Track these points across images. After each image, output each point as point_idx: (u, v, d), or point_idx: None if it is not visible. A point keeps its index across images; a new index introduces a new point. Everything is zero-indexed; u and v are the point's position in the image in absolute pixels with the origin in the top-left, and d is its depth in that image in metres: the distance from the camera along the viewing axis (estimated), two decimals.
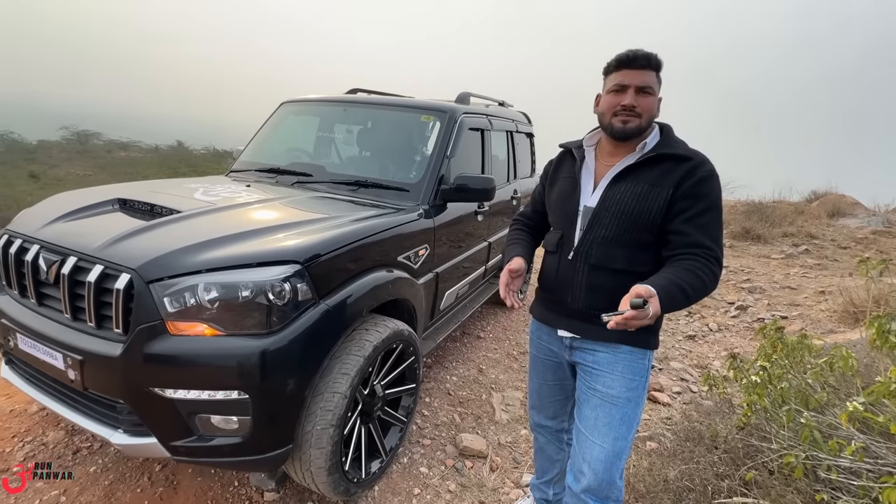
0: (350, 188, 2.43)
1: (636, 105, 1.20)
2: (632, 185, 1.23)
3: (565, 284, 1.34)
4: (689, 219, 1.17)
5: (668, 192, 1.18)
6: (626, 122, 1.22)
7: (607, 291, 1.25)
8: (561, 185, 1.40)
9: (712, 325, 4.18)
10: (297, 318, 1.50)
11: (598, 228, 1.26)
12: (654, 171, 1.22)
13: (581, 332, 1.33)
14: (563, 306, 1.35)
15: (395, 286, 1.96)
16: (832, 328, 3.75)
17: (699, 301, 1.16)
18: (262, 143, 3.00)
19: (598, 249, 1.26)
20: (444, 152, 2.50)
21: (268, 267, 1.47)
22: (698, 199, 1.17)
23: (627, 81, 1.21)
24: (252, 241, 1.56)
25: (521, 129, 4.04)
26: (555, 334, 1.41)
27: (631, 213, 1.21)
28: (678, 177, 1.19)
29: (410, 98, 3.17)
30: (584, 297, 1.30)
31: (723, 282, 5.43)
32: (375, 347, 1.73)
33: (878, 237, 7.26)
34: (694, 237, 1.16)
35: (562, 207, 1.37)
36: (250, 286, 1.42)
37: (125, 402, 1.43)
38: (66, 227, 1.66)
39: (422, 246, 2.25)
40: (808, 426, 1.42)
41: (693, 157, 1.21)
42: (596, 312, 1.22)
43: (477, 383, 2.91)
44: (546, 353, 1.49)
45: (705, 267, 1.13)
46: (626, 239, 1.23)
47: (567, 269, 1.33)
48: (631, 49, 1.22)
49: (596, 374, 1.31)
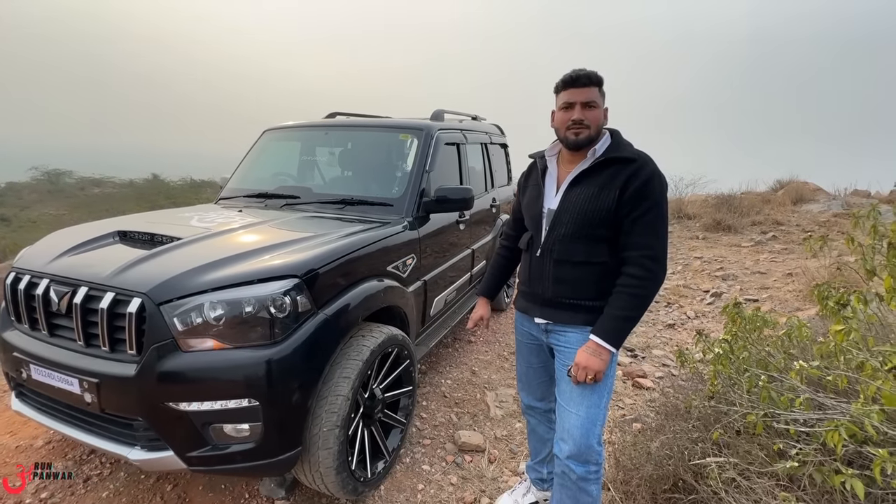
0: (337, 207, 2.57)
1: (584, 118, 1.39)
2: (585, 188, 1.41)
3: (537, 278, 1.53)
4: (634, 219, 1.35)
5: (616, 193, 1.35)
6: (578, 134, 1.40)
7: (570, 281, 1.45)
8: (529, 192, 1.59)
9: (689, 313, 4.40)
10: (298, 329, 1.63)
11: (559, 227, 1.45)
12: (603, 174, 1.40)
13: (553, 318, 1.51)
14: (537, 297, 1.54)
15: (386, 294, 2.10)
16: (798, 307, 4.00)
17: (650, 305, 1.39)
18: (248, 170, 3.13)
19: (560, 245, 1.45)
20: (423, 167, 2.67)
21: (268, 283, 1.60)
22: (643, 199, 1.34)
23: (574, 99, 1.40)
24: (251, 260, 1.69)
25: (494, 141, 4.25)
26: (533, 321, 1.58)
27: (585, 212, 1.39)
28: (623, 179, 1.36)
29: (388, 119, 3.35)
30: (552, 287, 1.48)
31: (697, 271, 5.69)
32: (372, 352, 1.86)
33: (839, 219, 7.68)
34: (638, 237, 1.35)
35: (530, 211, 1.56)
36: (253, 301, 1.55)
37: (142, 418, 1.53)
38: (73, 261, 1.77)
39: (408, 256, 2.40)
40: (765, 388, 1.60)
41: (637, 159, 1.38)
42: (563, 300, 1.49)
43: (471, 384, 3.03)
44: (528, 338, 1.67)
45: (640, 276, 1.35)
46: (583, 235, 1.41)
47: (537, 264, 1.52)
48: (574, 70, 1.42)
49: (568, 353, 1.48)
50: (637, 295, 1.35)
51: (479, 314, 1.80)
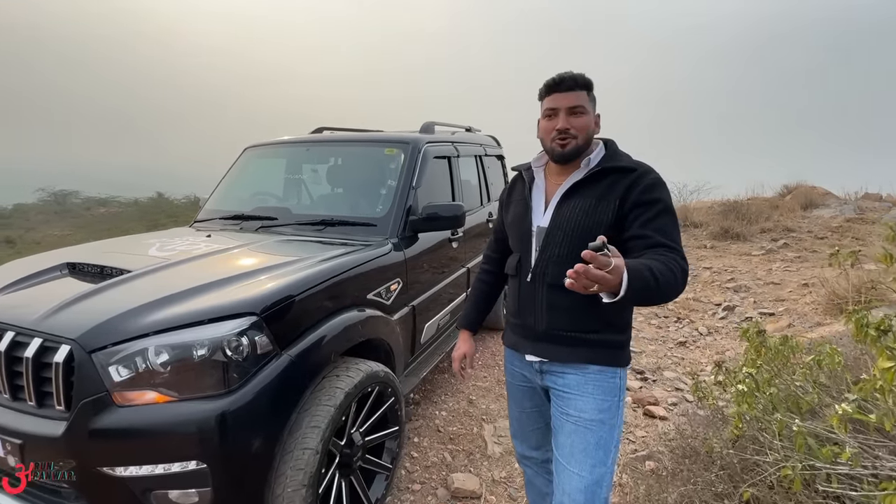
0: (316, 228, 2.38)
1: (569, 127, 1.21)
2: (579, 200, 1.22)
3: (528, 307, 1.31)
4: (646, 222, 1.14)
5: (615, 203, 1.17)
6: (564, 145, 1.22)
7: (567, 309, 1.23)
8: (514, 209, 1.39)
9: (702, 329, 4.15)
10: (257, 374, 1.42)
11: (552, 247, 1.25)
12: (600, 185, 1.22)
13: (548, 355, 1.29)
14: (529, 330, 1.32)
15: (366, 326, 1.89)
16: (818, 321, 3.74)
17: (668, 296, 1.05)
18: (227, 190, 2.95)
19: (554, 268, 1.24)
20: (409, 183, 2.48)
21: (222, 322, 1.40)
22: (651, 204, 1.16)
23: (557, 105, 1.22)
24: (205, 295, 1.49)
25: (489, 153, 4.07)
26: (525, 360, 1.37)
27: (581, 228, 1.20)
28: (623, 188, 1.18)
29: (375, 132, 3.17)
30: (546, 317, 1.27)
31: (707, 283, 5.44)
32: (347, 394, 1.64)
33: (852, 224, 7.41)
34: (655, 238, 1.12)
35: (517, 230, 1.36)
36: (205, 344, 1.34)
37: (70, 486, 1.31)
38: (5, 300, 1.57)
39: (393, 280, 2.19)
40: (800, 433, 1.36)
41: (637, 168, 1.21)
42: (560, 333, 1.25)
43: (467, 416, 2.80)
44: (520, 379, 1.45)
45: (673, 262, 1.06)
46: (580, 254, 1.19)
47: (527, 291, 1.31)
48: (558, 73, 1.24)
49: (567, 398, 1.26)
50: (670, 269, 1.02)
51: (461, 351, 1.58)
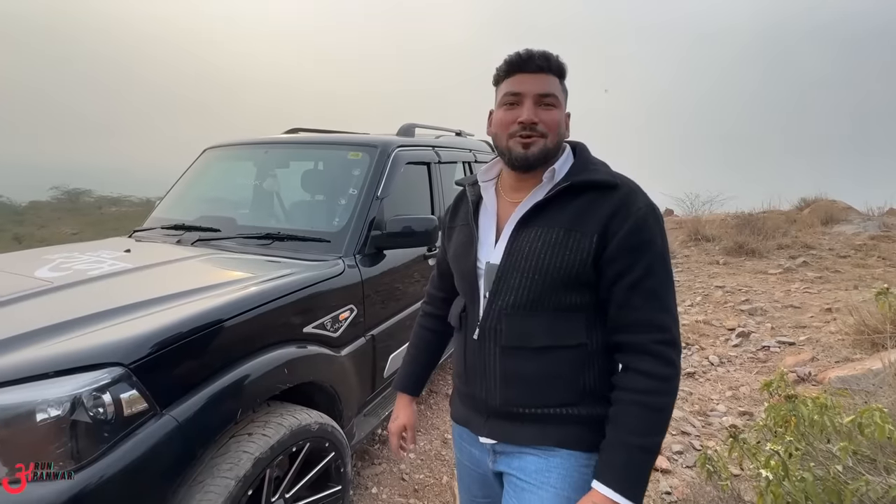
0: (261, 243, 2.05)
1: (537, 120, 0.87)
2: (543, 230, 0.88)
3: (476, 374, 0.98)
4: (634, 284, 0.84)
5: (593, 239, 0.85)
6: (528, 146, 0.88)
7: (528, 380, 0.91)
8: (457, 238, 1.03)
9: (713, 359, 3.73)
10: (122, 442, 1.08)
11: (506, 293, 0.90)
12: (569, 208, 0.88)
13: (507, 437, 0.96)
14: (479, 403, 0.98)
15: (296, 368, 1.54)
16: (847, 355, 3.31)
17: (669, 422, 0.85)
18: (178, 196, 2.65)
19: (509, 323, 0.91)
20: (373, 193, 2.14)
21: (75, 375, 1.06)
22: (640, 253, 0.84)
23: (522, 90, 0.89)
24: (63, 337, 1.16)
25: (481, 159, 3.73)
26: (477, 440, 1.02)
27: (546, 269, 0.87)
28: (604, 216, 0.85)
29: (347, 134, 2.85)
30: (501, 391, 0.94)
31: (720, 304, 5.02)
32: (258, 461, 1.30)
33: (878, 242, 6.92)
34: (643, 312, 0.85)
35: (459, 267, 1.00)
36: (46, 406, 1.01)
37: None
38: None
39: (344, 308, 1.85)
40: None
41: (619, 185, 0.88)
42: (519, 410, 0.93)
43: (439, 460, 2.43)
44: (469, 458, 1.09)
45: (656, 373, 0.83)
46: (545, 303, 0.88)
47: (474, 352, 0.97)
48: (525, 48, 0.89)
49: (521, 490, 0.93)
50: (658, 406, 0.84)
51: (400, 423, 1.22)
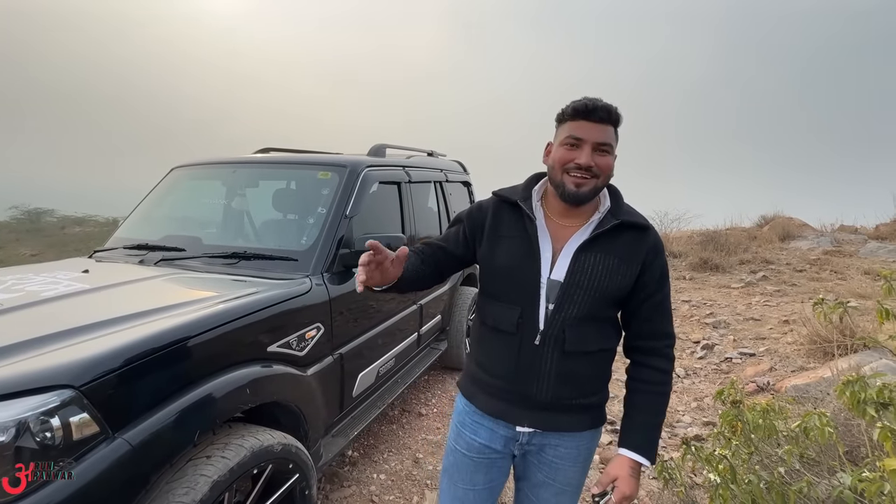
0: (228, 262, 2.03)
1: (593, 164, 1.02)
2: (602, 256, 1.06)
3: (529, 373, 1.10)
4: (657, 305, 1.11)
5: (636, 269, 1.07)
6: (580, 185, 1.03)
7: (580, 377, 1.11)
8: (510, 248, 1.12)
9: (679, 371, 3.84)
10: (71, 467, 1.05)
11: (569, 307, 1.06)
12: (619, 241, 1.08)
13: (551, 425, 1.13)
14: (527, 399, 1.12)
15: (259, 388, 1.53)
16: (802, 364, 3.47)
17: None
18: (143, 216, 2.60)
19: (572, 332, 1.07)
20: (342, 211, 2.17)
21: (20, 398, 1.03)
22: (662, 282, 1.11)
23: (585, 136, 1.02)
24: (12, 359, 1.12)
25: (452, 179, 3.82)
26: (509, 429, 1.16)
27: (605, 288, 1.06)
28: (643, 252, 1.08)
29: (313, 154, 2.88)
30: (554, 387, 1.10)
31: (686, 317, 5.19)
32: (216, 484, 1.27)
33: (830, 257, 7.33)
34: (659, 325, 1.12)
35: (517, 277, 1.10)
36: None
37: None
38: None
39: (311, 326, 1.84)
40: None
41: (649, 227, 1.10)
42: (565, 402, 1.12)
43: (410, 480, 2.41)
44: (480, 451, 1.19)
45: (667, 369, 1.12)
46: (598, 316, 1.09)
47: (531, 355, 1.09)
48: (590, 98, 1.02)
49: (556, 468, 1.17)
50: (666, 392, 1.13)
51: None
